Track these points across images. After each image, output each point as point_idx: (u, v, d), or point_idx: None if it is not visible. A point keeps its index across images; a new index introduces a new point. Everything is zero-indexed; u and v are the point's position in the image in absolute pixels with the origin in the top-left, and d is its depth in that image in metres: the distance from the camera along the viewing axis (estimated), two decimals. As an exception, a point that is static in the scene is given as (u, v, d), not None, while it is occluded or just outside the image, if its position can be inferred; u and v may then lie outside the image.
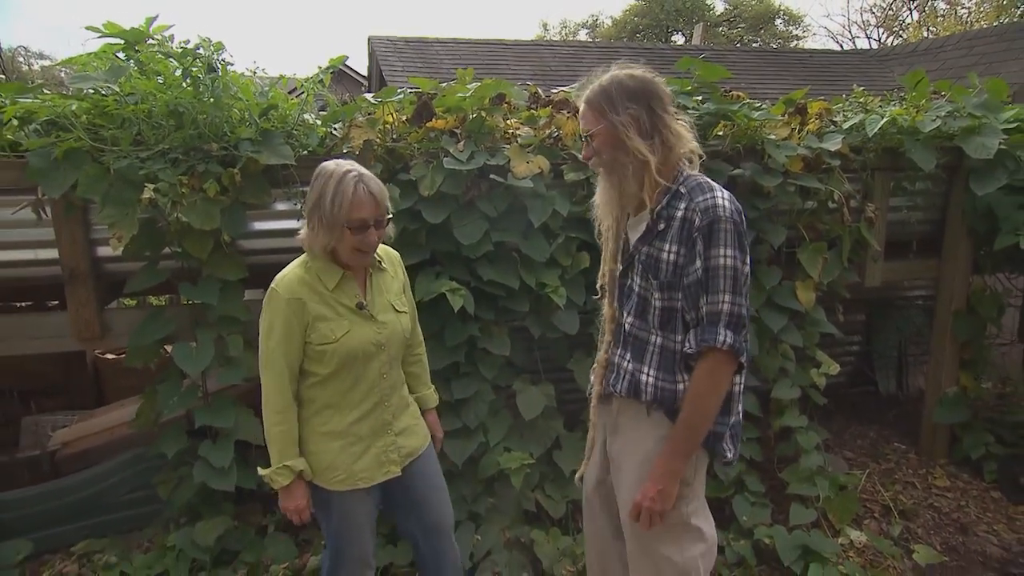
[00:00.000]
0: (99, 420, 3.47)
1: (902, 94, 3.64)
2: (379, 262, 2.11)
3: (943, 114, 3.40)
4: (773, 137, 3.06)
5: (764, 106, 3.26)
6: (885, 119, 3.26)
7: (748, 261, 1.75)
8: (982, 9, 23.80)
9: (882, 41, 26.83)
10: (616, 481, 1.98)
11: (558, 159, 2.92)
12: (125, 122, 2.55)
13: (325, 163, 1.95)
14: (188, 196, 2.51)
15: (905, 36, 25.91)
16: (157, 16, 2.71)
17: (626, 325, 1.91)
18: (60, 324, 2.77)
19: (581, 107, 1.86)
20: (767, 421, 3.32)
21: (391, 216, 2.01)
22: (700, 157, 1.84)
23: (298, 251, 2.90)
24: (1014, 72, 8.24)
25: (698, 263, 1.72)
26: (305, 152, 2.73)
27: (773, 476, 3.31)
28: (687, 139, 1.80)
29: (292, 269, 1.99)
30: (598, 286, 2.08)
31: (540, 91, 3.37)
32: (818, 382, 3.27)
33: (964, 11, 25.02)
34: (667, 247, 1.77)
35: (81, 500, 3.04)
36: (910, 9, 26.81)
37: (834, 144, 3.09)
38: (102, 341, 2.82)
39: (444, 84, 3.06)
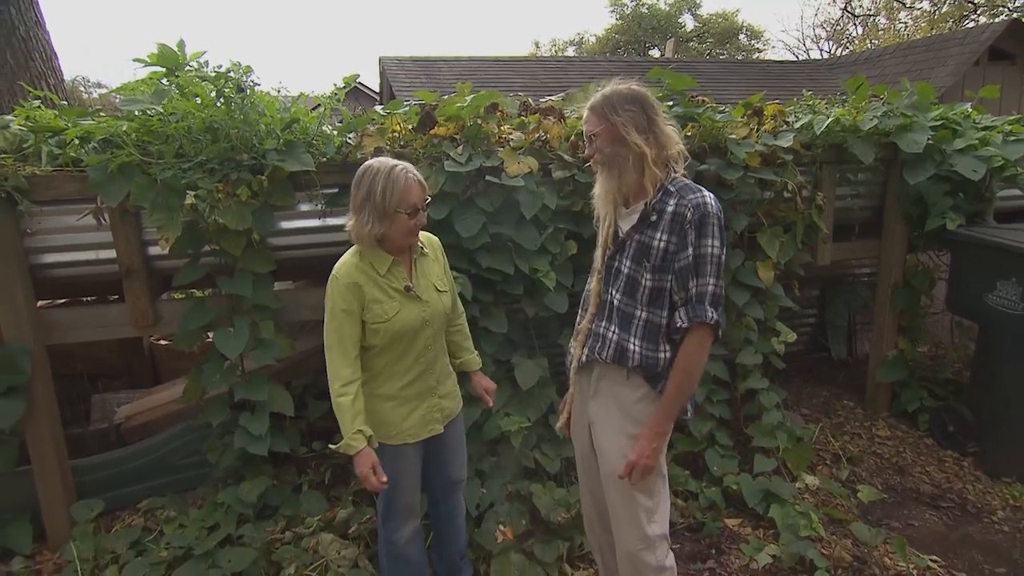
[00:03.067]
0: (156, 397, 3.46)
1: (845, 97, 3.58)
2: (421, 248, 2.11)
3: (879, 114, 3.37)
4: (734, 136, 3.01)
5: (727, 109, 3.22)
6: (830, 119, 3.21)
7: (725, 250, 1.78)
8: (918, 24, 23.62)
9: (832, 52, 26.59)
10: (597, 437, 1.97)
11: (546, 159, 2.88)
12: (168, 138, 2.52)
13: (369, 162, 1.94)
14: (223, 201, 2.48)
15: (851, 47, 25.68)
16: (184, 43, 2.68)
17: (615, 301, 1.89)
18: (120, 314, 2.76)
19: (585, 113, 1.84)
20: (734, 384, 3.30)
21: (429, 200, 2.04)
22: (686, 158, 1.84)
23: (318, 245, 2.93)
24: (941, 77, 8.17)
25: (689, 251, 1.74)
26: (324, 159, 2.69)
27: (739, 431, 3.29)
28: (676, 140, 1.81)
29: (348, 258, 1.99)
30: (594, 266, 2.03)
31: (531, 100, 3.33)
32: (778, 349, 3.25)
33: (901, 25, 24.83)
34: (658, 236, 1.78)
35: (143, 465, 3.04)
36: (855, 24, 26.56)
37: (787, 141, 3.05)
38: (155, 328, 2.80)
39: (445, 96, 3.02)
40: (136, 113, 2.54)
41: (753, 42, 29.49)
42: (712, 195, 1.77)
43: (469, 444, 2.79)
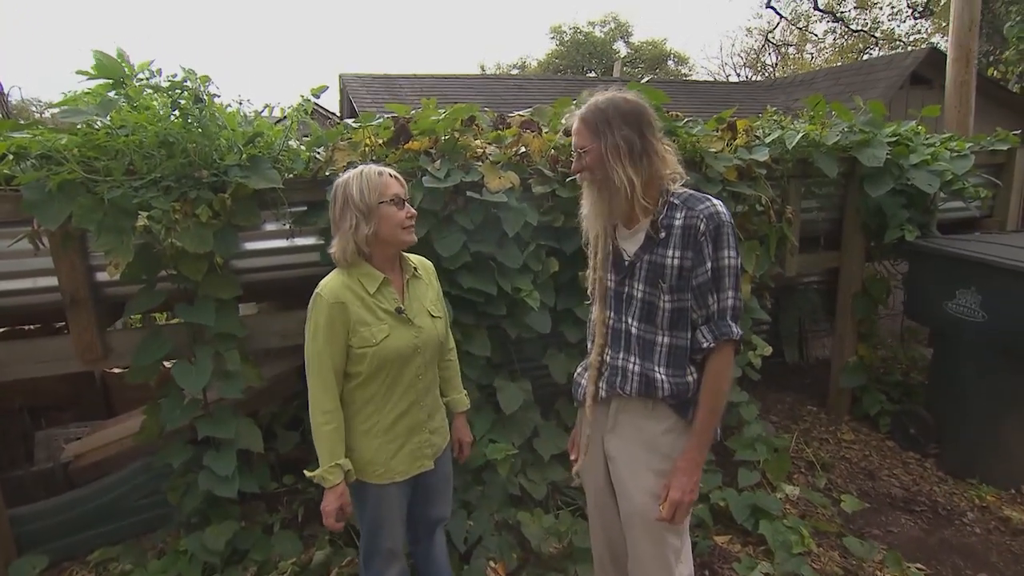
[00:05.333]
0: (109, 431, 3.00)
1: (811, 113, 3.45)
2: (415, 269, 1.82)
3: (842, 130, 3.24)
4: (712, 150, 2.81)
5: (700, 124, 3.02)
6: (800, 134, 3.06)
7: (740, 258, 1.56)
8: (822, 54, 24.74)
9: (749, 78, 27.38)
10: (618, 474, 1.68)
11: (525, 174, 2.60)
12: (118, 153, 2.13)
13: (338, 179, 1.72)
14: (181, 222, 2.10)
15: (766, 74, 26.54)
16: (125, 53, 2.29)
17: (632, 329, 1.62)
18: (63, 347, 2.33)
19: (576, 123, 1.56)
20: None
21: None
22: (683, 179, 1.59)
23: (286, 267, 2.56)
24: (871, 97, 8.31)
25: (708, 264, 1.50)
26: (291, 175, 2.34)
27: (720, 445, 3.06)
28: (672, 162, 1.56)
29: (336, 275, 1.70)
30: (588, 292, 1.76)
31: (503, 115, 3.05)
32: (755, 362, 3.06)
33: (808, 55, 25.92)
34: (670, 253, 1.53)
35: (95, 509, 2.60)
36: (770, 53, 27.46)
37: (763, 155, 2.87)
38: (104, 362, 2.37)
39: (412, 112, 2.71)
40: (79, 126, 2.14)
41: (680, 67, 30.08)
42: (720, 202, 1.54)
43: (454, 474, 2.48)
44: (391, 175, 1.71)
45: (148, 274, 2.21)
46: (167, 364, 2.47)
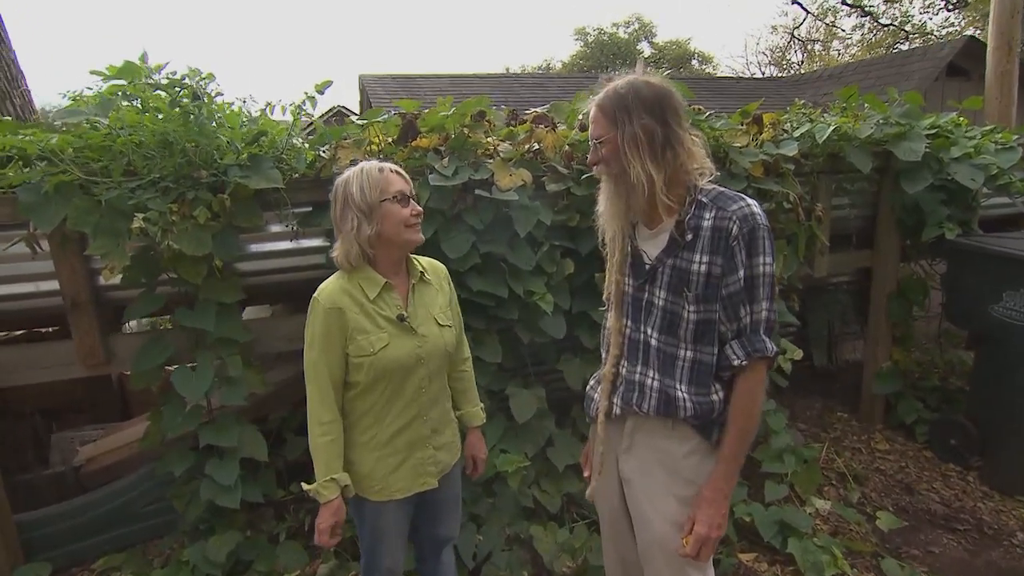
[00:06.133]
0: (123, 434, 2.94)
1: (843, 105, 3.21)
2: (422, 273, 1.66)
3: (877, 122, 3.01)
4: (737, 145, 2.61)
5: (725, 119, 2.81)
6: (831, 127, 2.84)
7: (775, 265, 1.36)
8: (851, 51, 24.08)
9: (774, 75, 26.74)
10: (635, 499, 1.51)
11: (539, 171, 2.44)
12: (117, 154, 2.03)
13: (338, 177, 1.59)
14: (179, 224, 2.00)
15: (792, 72, 25.90)
16: (146, 53, 2.20)
17: (652, 340, 1.44)
18: (67, 352, 2.25)
19: (593, 110, 1.38)
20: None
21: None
22: (712, 174, 1.39)
23: (294, 269, 2.45)
24: (903, 89, 7.94)
25: (740, 272, 1.31)
26: (295, 175, 2.22)
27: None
28: (699, 156, 1.36)
29: (334, 279, 1.57)
30: (604, 297, 1.59)
31: (517, 112, 2.89)
32: (784, 367, 2.84)
33: (836, 52, 25.26)
34: (697, 258, 1.34)
35: (102, 515, 2.52)
36: (796, 50, 26.81)
37: (791, 150, 2.65)
38: (107, 367, 2.29)
39: (426, 109, 2.57)
40: (84, 125, 2.05)
41: (704, 66, 29.52)
42: (755, 202, 1.34)
43: (462, 486, 2.33)
44: (393, 170, 1.58)
45: (147, 277, 2.11)
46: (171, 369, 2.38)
